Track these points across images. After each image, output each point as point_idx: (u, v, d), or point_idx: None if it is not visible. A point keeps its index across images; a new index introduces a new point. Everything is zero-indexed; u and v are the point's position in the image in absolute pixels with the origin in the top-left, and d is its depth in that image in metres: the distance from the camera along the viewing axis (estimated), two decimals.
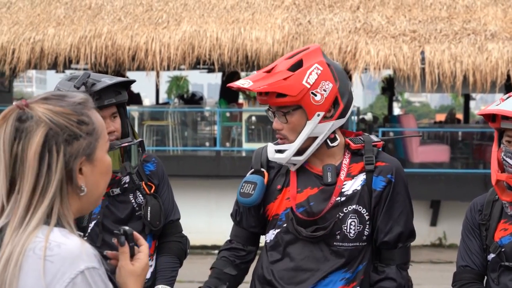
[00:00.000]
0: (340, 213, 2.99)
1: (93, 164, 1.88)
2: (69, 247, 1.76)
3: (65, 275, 1.73)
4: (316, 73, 2.93)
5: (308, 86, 2.91)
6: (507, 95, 3.05)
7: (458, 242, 3.28)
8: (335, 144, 3.02)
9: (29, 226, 1.78)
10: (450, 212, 13.86)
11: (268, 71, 2.96)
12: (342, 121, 3.01)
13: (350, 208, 3.00)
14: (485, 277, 3.17)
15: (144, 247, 1.98)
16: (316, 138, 2.97)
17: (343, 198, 3.00)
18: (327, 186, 3.01)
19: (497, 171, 3.02)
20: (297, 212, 3.01)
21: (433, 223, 14.09)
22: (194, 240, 3.75)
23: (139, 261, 1.95)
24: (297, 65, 2.94)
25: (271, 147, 3.01)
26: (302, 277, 3.01)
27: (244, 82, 2.95)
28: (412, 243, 3.13)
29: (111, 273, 1.88)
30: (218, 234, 13.03)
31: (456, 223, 13.24)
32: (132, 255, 1.95)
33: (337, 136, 3.04)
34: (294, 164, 3.03)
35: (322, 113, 2.94)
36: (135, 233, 1.97)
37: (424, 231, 13.51)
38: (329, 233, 2.97)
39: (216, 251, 14.86)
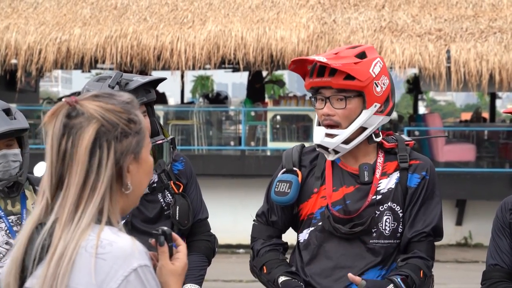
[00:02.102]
0: (376, 211, 3.01)
1: (139, 163, 1.89)
2: (121, 245, 1.77)
3: (118, 272, 1.75)
4: (379, 66, 3.00)
5: (374, 76, 2.97)
6: None
7: (484, 242, 3.29)
8: (378, 139, 3.06)
9: (81, 222, 1.79)
10: (476, 211, 13.78)
11: (335, 54, 3.00)
12: (388, 119, 3.07)
13: (385, 206, 3.02)
14: None
15: (182, 247, 1.98)
16: (365, 129, 2.99)
17: (379, 197, 3.02)
18: (364, 184, 3.02)
19: None
20: (333, 210, 3.02)
21: (459, 222, 14.02)
22: (218, 239, 3.75)
23: (179, 260, 1.95)
24: (362, 55, 3.00)
25: (321, 130, 2.98)
26: (339, 274, 3.01)
27: (318, 57, 2.97)
28: (438, 242, 3.14)
29: None
30: (243, 233, 13.03)
31: (482, 222, 13.20)
32: (171, 255, 1.95)
33: (380, 132, 3.08)
34: (335, 153, 3.01)
35: (378, 105, 2.99)
36: (174, 233, 1.98)
37: (449, 230, 13.45)
38: (366, 228, 2.99)
39: (241, 250, 14.77)
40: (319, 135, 2.97)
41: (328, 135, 2.96)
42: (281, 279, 3.05)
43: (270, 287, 3.10)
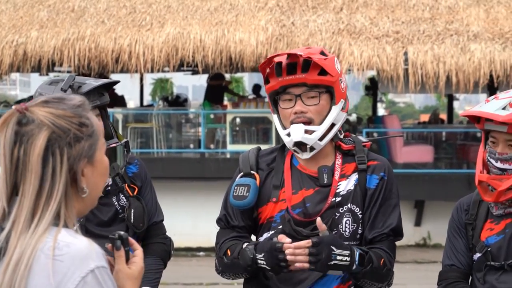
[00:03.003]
0: (336, 213, 3.01)
1: (94, 165, 1.90)
2: (79, 247, 1.78)
3: (76, 274, 1.75)
4: (339, 64, 3.04)
5: (339, 72, 3.01)
6: (492, 97, 3.07)
7: (443, 242, 3.30)
8: (342, 136, 3.08)
9: (38, 229, 1.79)
10: (434, 212, 13.91)
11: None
12: (347, 116, 3.10)
13: (345, 208, 3.02)
14: (470, 276, 3.19)
15: (139, 251, 2.00)
16: (334, 125, 3.02)
17: (338, 199, 3.02)
18: (323, 187, 3.02)
19: (480, 171, 3.05)
20: (294, 213, 3.01)
21: (418, 223, 14.14)
22: (178, 242, 3.73)
23: (135, 264, 1.98)
24: (323, 53, 3.02)
25: (299, 127, 2.96)
26: (300, 277, 3.00)
27: (297, 51, 2.97)
28: (397, 243, 3.15)
29: None
30: (202, 236, 13.03)
31: (440, 223, 13.30)
32: (127, 259, 1.97)
33: (342, 130, 3.11)
34: (310, 151, 3.00)
35: (343, 101, 3.02)
36: (130, 237, 2.00)
37: (408, 231, 13.51)
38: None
39: (201, 253, 14.66)
40: (298, 132, 2.96)
41: (306, 131, 2.97)
42: (244, 245, 3.00)
43: (234, 268, 3.04)
